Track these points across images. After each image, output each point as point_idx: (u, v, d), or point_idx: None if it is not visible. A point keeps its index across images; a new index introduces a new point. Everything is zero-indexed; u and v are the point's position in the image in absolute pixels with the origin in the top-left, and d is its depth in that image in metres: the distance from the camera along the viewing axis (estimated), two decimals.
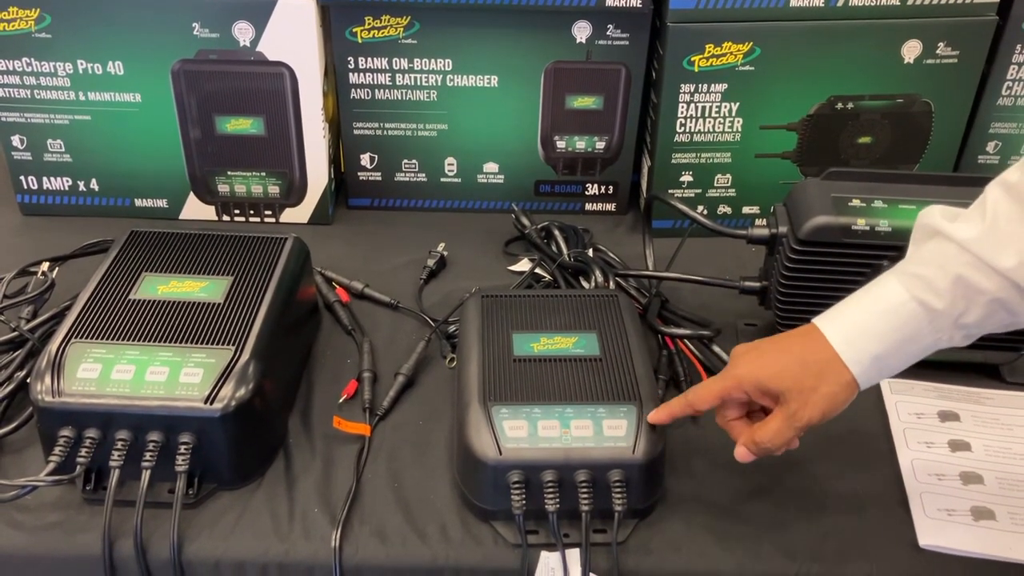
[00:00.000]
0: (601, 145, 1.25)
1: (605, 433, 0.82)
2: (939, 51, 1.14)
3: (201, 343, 0.87)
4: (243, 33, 1.13)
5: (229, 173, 1.23)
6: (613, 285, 1.07)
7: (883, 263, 0.91)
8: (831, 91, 1.17)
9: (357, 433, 0.92)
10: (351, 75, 1.19)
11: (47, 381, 0.83)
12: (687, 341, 1.03)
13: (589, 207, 1.31)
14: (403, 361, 1.00)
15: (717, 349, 1.02)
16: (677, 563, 0.82)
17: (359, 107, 1.22)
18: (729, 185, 1.24)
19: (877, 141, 1.20)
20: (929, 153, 1.22)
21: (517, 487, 0.80)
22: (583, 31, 1.16)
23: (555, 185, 1.29)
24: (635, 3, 1.12)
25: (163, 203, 1.26)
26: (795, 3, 1.10)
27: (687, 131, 1.19)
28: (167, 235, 1.02)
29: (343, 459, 0.90)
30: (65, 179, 1.25)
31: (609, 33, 1.16)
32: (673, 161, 1.22)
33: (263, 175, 1.23)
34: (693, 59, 1.14)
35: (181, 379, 0.84)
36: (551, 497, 0.80)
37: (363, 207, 1.32)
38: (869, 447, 0.93)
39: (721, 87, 1.16)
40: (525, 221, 1.23)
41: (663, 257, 1.11)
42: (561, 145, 1.25)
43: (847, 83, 1.16)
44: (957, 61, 1.15)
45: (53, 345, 0.86)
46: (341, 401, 0.97)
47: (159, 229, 1.03)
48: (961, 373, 1.00)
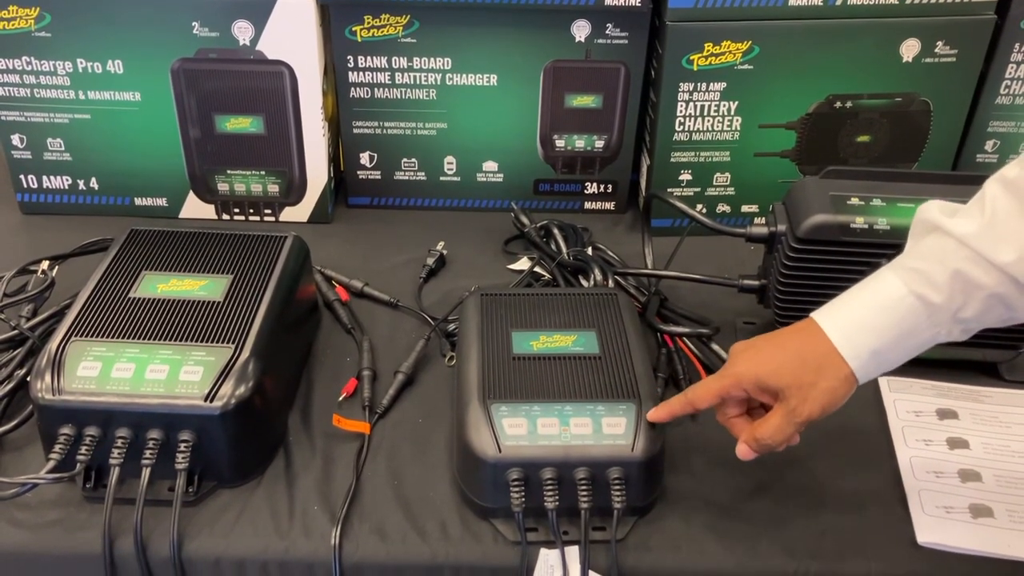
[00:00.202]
0: (600, 144, 1.25)
1: (604, 431, 0.82)
2: (938, 50, 1.14)
3: (201, 341, 0.87)
4: (243, 32, 1.13)
5: (229, 172, 1.23)
6: (612, 283, 1.07)
7: (882, 261, 0.90)
8: (830, 90, 1.17)
9: (357, 431, 0.92)
10: (350, 74, 1.19)
11: (47, 379, 0.83)
12: (686, 339, 1.03)
13: (588, 206, 1.31)
14: (403, 359, 1.00)
15: (716, 347, 1.02)
16: (676, 561, 0.82)
17: (358, 106, 1.22)
18: (728, 184, 1.24)
19: (876, 140, 1.20)
20: (928, 152, 1.22)
21: (516, 485, 0.80)
22: (582, 30, 1.16)
23: (554, 184, 1.29)
24: (634, 2, 1.13)
25: (163, 202, 1.26)
26: (794, 2, 1.10)
27: (686, 130, 1.19)
28: (167, 234, 1.02)
29: (343, 457, 0.90)
30: (65, 178, 1.25)
31: (608, 32, 1.16)
32: (672, 160, 1.22)
33: (263, 174, 1.23)
34: (692, 58, 1.14)
35: (181, 377, 0.84)
36: (550, 495, 0.80)
37: (363, 206, 1.32)
38: (868, 445, 0.93)
39: (720, 86, 1.16)
40: (524, 220, 1.23)
41: (662, 255, 1.11)
42: (560, 144, 1.25)
43: (846, 82, 1.16)
44: (955, 60, 1.15)
45: (53, 343, 0.86)
46: (341, 399, 0.97)
47: (159, 228, 1.03)
48: (960, 371, 1.00)
